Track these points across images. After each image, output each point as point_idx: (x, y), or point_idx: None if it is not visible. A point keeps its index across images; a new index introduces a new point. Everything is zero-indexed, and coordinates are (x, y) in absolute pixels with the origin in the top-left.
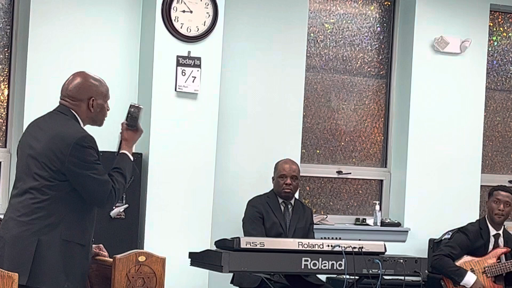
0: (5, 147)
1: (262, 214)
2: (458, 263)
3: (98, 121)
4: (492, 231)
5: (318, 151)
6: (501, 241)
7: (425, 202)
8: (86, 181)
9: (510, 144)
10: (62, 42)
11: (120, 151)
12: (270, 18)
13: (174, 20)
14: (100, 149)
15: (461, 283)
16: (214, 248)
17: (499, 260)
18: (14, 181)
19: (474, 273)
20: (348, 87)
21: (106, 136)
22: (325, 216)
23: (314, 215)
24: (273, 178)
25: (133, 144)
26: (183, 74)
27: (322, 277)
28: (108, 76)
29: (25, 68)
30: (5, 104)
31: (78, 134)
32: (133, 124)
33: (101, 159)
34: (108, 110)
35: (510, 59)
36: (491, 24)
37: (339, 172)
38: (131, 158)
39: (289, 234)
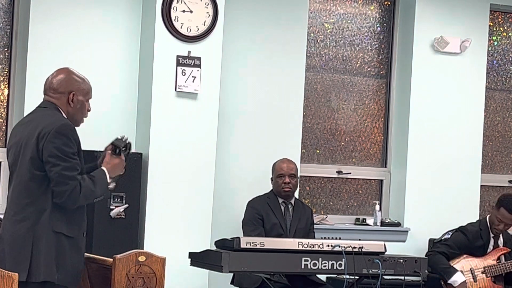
0: (5, 147)
1: (262, 216)
2: (458, 263)
3: (77, 118)
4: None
5: (318, 151)
6: (500, 241)
7: (425, 202)
8: (54, 171)
9: (510, 144)
10: (62, 42)
11: (100, 167)
12: (270, 18)
13: (174, 20)
14: (93, 148)
15: (449, 281)
16: (214, 248)
17: (498, 261)
18: (8, 182)
19: (473, 274)
20: (348, 87)
21: (100, 135)
22: (325, 216)
23: (314, 215)
24: (271, 178)
25: (113, 170)
26: (183, 74)
27: (322, 277)
28: (108, 76)
29: (25, 68)
30: (5, 104)
31: (58, 122)
32: (116, 146)
33: (81, 152)
34: (89, 110)
35: (510, 59)
36: (491, 24)
37: (339, 172)
38: (108, 178)
39: (289, 235)
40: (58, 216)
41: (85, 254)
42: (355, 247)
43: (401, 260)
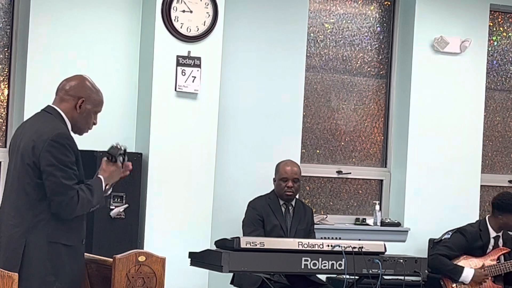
0: (5, 147)
1: (262, 217)
2: (458, 263)
3: (80, 126)
4: (492, 233)
5: (318, 151)
6: (500, 242)
7: (425, 202)
8: (52, 181)
9: (510, 144)
10: (62, 42)
11: (97, 176)
12: (270, 18)
13: (174, 20)
14: (93, 148)
15: (460, 280)
16: (214, 248)
17: (498, 261)
18: (5, 183)
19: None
20: (348, 87)
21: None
22: (325, 216)
23: (314, 215)
24: (274, 179)
25: (110, 177)
26: (183, 74)
27: (322, 277)
28: (108, 76)
29: (25, 68)
30: (5, 104)
31: (55, 130)
32: (111, 154)
33: (79, 161)
34: (94, 123)
35: (510, 59)
36: (491, 24)
37: (339, 172)
38: (103, 186)
39: (290, 237)
40: (56, 226)
41: (85, 254)
42: (355, 247)
43: (401, 260)
